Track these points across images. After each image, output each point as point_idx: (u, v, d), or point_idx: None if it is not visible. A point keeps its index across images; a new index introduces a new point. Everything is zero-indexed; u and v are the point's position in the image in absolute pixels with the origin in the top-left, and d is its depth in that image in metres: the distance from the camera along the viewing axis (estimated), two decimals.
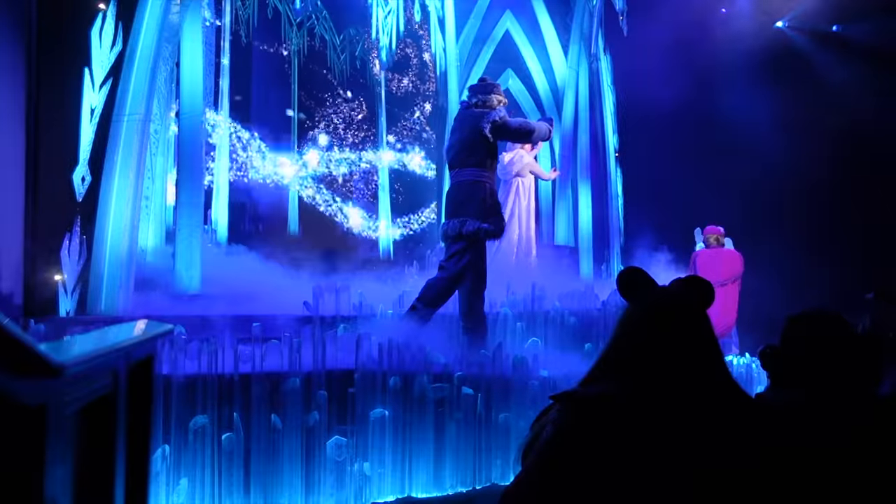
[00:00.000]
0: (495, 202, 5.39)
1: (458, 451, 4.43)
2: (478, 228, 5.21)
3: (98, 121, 5.54)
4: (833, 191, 10.02)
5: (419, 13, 10.04)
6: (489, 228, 5.24)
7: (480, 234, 5.23)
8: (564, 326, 5.83)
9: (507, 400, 4.63)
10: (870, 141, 9.89)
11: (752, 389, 5.93)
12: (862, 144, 9.94)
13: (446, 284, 5.25)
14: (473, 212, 5.24)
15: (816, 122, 10.03)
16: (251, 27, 9.92)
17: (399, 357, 4.42)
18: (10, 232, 5.34)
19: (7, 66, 5.37)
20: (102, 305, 5.42)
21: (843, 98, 10.10)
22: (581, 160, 9.76)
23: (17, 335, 0.90)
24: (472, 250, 5.23)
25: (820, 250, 9.84)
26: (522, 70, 10.17)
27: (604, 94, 10.03)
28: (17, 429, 0.95)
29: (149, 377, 1.65)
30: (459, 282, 5.24)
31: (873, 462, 1.72)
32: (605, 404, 1.48)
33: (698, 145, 10.13)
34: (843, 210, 10.10)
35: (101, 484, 1.34)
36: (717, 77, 10.35)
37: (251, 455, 3.97)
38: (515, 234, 7.90)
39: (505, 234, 7.63)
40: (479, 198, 5.27)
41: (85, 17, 5.55)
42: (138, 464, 1.55)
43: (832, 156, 9.93)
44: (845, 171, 10.02)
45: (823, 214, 10.06)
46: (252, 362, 4.13)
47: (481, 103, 5.45)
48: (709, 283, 1.64)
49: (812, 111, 10.12)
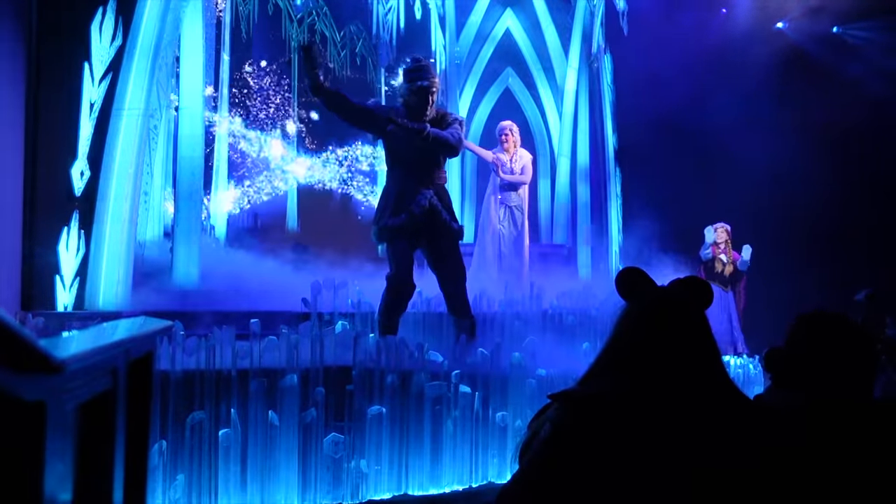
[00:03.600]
0: (382, 203, 5.22)
1: (455, 449, 4.44)
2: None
3: (97, 115, 5.53)
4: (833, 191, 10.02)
5: (419, 10, 10.03)
6: (375, 231, 5.17)
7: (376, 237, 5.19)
8: (562, 325, 5.83)
9: (505, 398, 4.63)
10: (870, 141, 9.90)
11: (750, 390, 5.94)
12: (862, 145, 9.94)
13: (385, 288, 5.20)
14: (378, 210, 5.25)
15: (816, 122, 10.03)
16: (251, 23, 9.90)
17: (397, 354, 4.43)
18: (9, 226, 5.33)
19: (7, 60, 5.36)
20: (101, 300, 5.42)
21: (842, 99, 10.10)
22: (580, 159, 9.76)
23: (17, 331, 0.90)
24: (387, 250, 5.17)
25: (821, 251, 9.85)
26: (523, 68, 10.16)
27: (604, 94, 10.02)
28: (17, 425, 0.95)
29: (148, 373, 1.65)
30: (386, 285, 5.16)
31: (871, 465, 1.72)
32: (603, 404, 1.48)
33: (698, 145, 10.13)
34: (843, 210, 10.10)
35: (100, 480, 1.34)
36: (718, 77, 10.35)
37: (248, 451, 3.97)
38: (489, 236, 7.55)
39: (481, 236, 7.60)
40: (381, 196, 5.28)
41: (85, 11, 5.54)
42: (137, 460, 1.55)
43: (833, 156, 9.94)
44: (845, 172, 10.03)
45: (824, 215, 10.06)
46: (250, 358, 4.13)
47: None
48: (707, 284, 1.65)
49: (811, 112, 10.13)
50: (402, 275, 5.06)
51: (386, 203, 5.16)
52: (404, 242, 5.09)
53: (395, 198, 5.11)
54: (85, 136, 5.49)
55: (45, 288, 5.36)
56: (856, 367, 1.83)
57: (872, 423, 1.76)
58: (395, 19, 9.97)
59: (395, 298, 5.09)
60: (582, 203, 9.62)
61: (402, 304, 5.14)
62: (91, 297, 5.41)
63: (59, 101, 5.51)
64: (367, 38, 10.63)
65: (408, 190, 5.11)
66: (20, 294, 5.37)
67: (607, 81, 10.11)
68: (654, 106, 9.61)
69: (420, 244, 5.19)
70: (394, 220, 5.06)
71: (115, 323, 1.74)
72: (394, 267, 5.08)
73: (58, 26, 5.57)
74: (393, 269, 5.09)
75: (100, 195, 5.47)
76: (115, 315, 5.11)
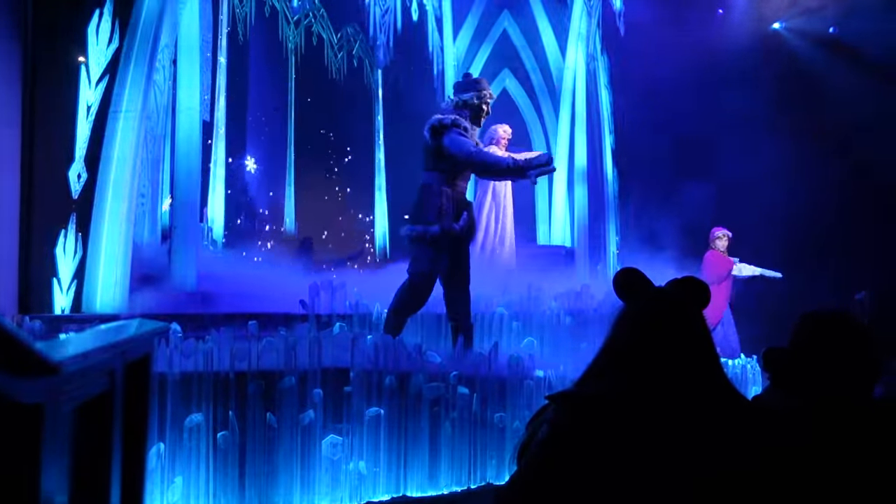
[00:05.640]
0: (447, 207, 5.10)
1: (453, 451, 4.44)
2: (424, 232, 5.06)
3: (94, 118, 5.52)
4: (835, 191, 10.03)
5: (417, 12, 10.04)
6: (435, 232, 5.04)
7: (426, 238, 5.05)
8: (560, 326, 5.84)
9: (503, 399, 4.63)
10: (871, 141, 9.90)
11: (748, 390, 5.94)
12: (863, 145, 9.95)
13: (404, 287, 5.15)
14: (423, 216, 5.12)
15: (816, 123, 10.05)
16: (248, 25, 9.90)
17: (395, 356, 4.43)
18: (6, 229, 5.32)
19: (3, 62, 5.35)
20: (98, 303, 5.41)
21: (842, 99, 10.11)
22: (578, 161, 9.77)
23: (14, 333, 0.90)
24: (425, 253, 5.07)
25: (821, 252, 9.86)
26: (520, 70, 10.17)
27: (601, 95, 10.03)
28: (15, 427, 0.95)
29: (145, 375, 1.65)
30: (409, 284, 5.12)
31: (872, 465, 1.72)
32: (601, 404, 1.49)
33: (696, 146, 10.14)
34: (844, 211, 10.11)
35: (98, 482, 1.34)
36: (715, 78, 10.36)
37: (246, 453, 3.97)
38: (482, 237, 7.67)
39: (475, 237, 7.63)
40: (427, 203, 5.12)
41: (81, 13, 5.54)
42: (134, 462, 1.55)
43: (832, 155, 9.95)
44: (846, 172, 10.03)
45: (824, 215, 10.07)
46: (248, 360, 4.13)
47: (453, 103, 5.26)
48: (704, 284, 1.65)
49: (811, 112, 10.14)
50: (433, 278, 5.10)
51: (441, 207, 5.08)
52: (447, 247, 5.10)
53: (455, 203, 5.13)
54: (82, 139, 5.48)
55: (42, 291, 5.35)
56: (860, 365, 1.83)
57: (876, 422, 1.77)
58: (392, 21, 9.98)
59: (416, 299, 5.13)
60: (580, 204, 9.62)
61: (419, 305, 5.19)
62: (88, 299, 5.40)
63: (56, 103, 5.50)
64: (364, 39, 10.63)
65: (463, 197, 5.26)
66: (17, 297, 5.36)
67: (604, 82, 10.12)
68: (651, 107, 9.62)
69: (451, 249, 5.16)
70: (457, 226, 5.09)
71: (112, 325, 1.73)
72: (429, 268, 5.07)
73: (54, 28, 5.56)
74: (427, 269, 5.07)
75: (97, 198, 5.46)
76: (113, 317, 5.10)
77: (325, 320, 5.31)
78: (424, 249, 5.08)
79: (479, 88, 5.28)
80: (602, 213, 9.90)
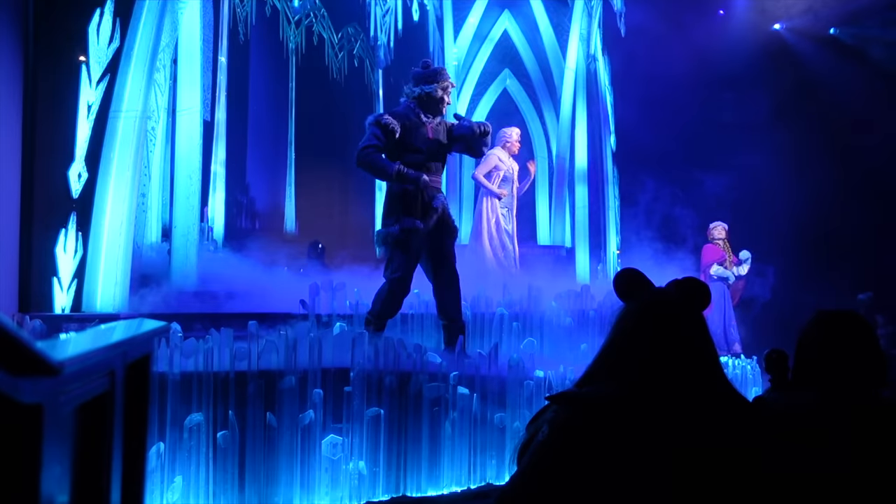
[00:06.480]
0: (410, 205, 4.99)
1: (453, 451, 4.43)
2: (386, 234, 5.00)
3: (95, 117, 5.52)
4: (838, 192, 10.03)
5: (417, 12, 10.03)
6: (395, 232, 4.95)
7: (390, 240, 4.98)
8: (560, 327, 5.83)
9: (503, 400, 4.63)
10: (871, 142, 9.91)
11: (748, 391, 5.94)
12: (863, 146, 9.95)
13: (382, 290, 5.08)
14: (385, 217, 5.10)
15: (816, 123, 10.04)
16: (249, 25, 9.89)
17: (395, 356, 4.43)
18: (6, 228, 5.33)
19: (4, 62, 5.35)
20: (98, 303, 5.42)
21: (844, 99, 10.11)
22: (578, 161, 9.76)
23: (14, 333, 0.90)
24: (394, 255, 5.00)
25: (821, 252, 9.86)
26: (520, 70, 10.16)
27: (602, 95, 10.03)
28: (14, 427, 0.95)
29: (145, 376, 1.64)
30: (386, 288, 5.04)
31: (878, 465, 1.72)
32: (602, 405, 1.49)
33: (696, 145, 10.14)
34: (844, 211, 10.11)
35: (98, 482, 1.34)
36: (716, 78, 10.36)
37: (246, 453, 3.97)
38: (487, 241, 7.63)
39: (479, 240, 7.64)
40: (388, 202, 5.10)
41: (82, 13, 5.54)
42: (134, 462, 1.55)
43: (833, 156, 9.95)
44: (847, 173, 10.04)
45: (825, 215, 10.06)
46: (248, 360, 4.13)
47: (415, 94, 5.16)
48: (704, 285, 1.65)
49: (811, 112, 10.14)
50: (408, 278, 5.03)
51: (405, 205, 4.98)
52: (417, 245, 5.00)
53: (421, 199, 5.00)
54: (82, 139, 5.49)
55: (42, 290, 5.36)
56: (870, 364, 1.84)
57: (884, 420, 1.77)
58: (393, 21, 9.97)
59: (395, 301, 5.06)
60: (580, 204, 9.62)
61: (398, 306, 5.12)
62: (89, 299, 5.41)
63: (56, 103, 5.50)
64: (365, 39, 10.63)
65: (433, 191, 5.08)
66: (17, 296, 5.37)
67: (605, 82, 10.11)
68: (652, 107, 9.61)
69: (426, 246, 5.08)
70: (420, 223, 4.94)
71: (112, 325, 1.73)
72: (401, 270, 4.97)
73: (55, 28, 5.56)
74: (400, 272, 4.97)
75: (97, 197, 5.46)
76: (113, 317, 5.11)
77: (325, 320, 5.31)
78: (393, 251, 5.00)
79: (439, 80, 5.17)
80: (602, 214, 9.90)
